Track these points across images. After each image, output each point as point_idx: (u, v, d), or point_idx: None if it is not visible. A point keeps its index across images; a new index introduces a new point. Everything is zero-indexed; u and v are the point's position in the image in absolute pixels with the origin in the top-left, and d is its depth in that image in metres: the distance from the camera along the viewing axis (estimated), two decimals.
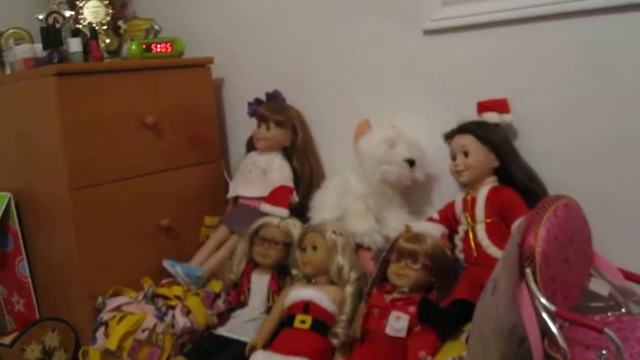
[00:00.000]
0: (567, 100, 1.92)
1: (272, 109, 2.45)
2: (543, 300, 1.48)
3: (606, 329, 1.42)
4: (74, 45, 2.35)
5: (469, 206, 1.96)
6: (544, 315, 1.48)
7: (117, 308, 2.16)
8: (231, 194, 2.53)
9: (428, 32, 2.16)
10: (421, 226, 2.04)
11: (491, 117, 1.97)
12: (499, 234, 1.89)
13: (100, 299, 2.22)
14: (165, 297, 2.23)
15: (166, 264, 2.32)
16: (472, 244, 1.92)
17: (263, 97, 2.51)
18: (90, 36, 2.44)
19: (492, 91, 2.00)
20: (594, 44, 1.85)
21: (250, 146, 2.56)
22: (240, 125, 2.68)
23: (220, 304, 2.23)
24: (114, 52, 2.67)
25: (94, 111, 2.26)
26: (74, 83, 2.21)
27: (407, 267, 1.91)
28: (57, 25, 2.45)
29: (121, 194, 2.34)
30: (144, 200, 2.40)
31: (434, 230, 2.00)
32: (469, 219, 1.96)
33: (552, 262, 1.53)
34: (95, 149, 2.26)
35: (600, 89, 1.86)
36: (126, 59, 2.53)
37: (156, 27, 2.65)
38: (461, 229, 1.99)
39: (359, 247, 2.17)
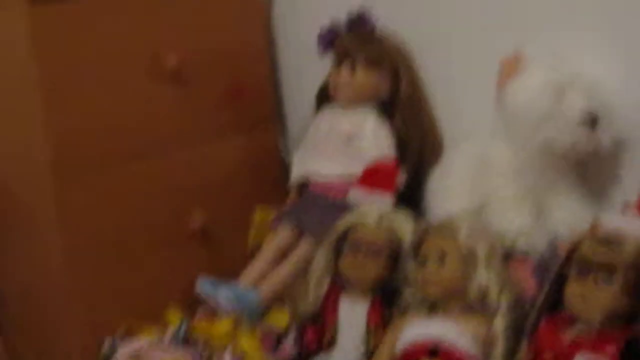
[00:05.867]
0: None
1: (359, 40, 2.11)
2: None
3: None
4: None
5: None
6: None
7: (135, 354, 1.96)
8: (296, 174, 2.20)
9: None
10: (617, 222, 1.64)
11: None
12: None
13: (108, 342, 2.02)
14: (207, 337, 2.00)
15: (202, 286, 2.04)
16: None
17: (342, 23, 2.16)
18: None
19: None
20: None
21: (324, 99, 2.20)
22: (305, 71, 2.37)
23: (289, 347, 1.97)
24: None
25: (87, 53, 2.00)
26: (56, 13, 1.96)
27: (598, 286, 1.55)
28: None
29: (130, 183, 2.10)
30: (163, 191, 2.15)
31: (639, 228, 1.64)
32: None
33: None
34: (90, 113, 2.00)
35: None
36: None
37: None
38: None
39: (510, 255, 1.84)
